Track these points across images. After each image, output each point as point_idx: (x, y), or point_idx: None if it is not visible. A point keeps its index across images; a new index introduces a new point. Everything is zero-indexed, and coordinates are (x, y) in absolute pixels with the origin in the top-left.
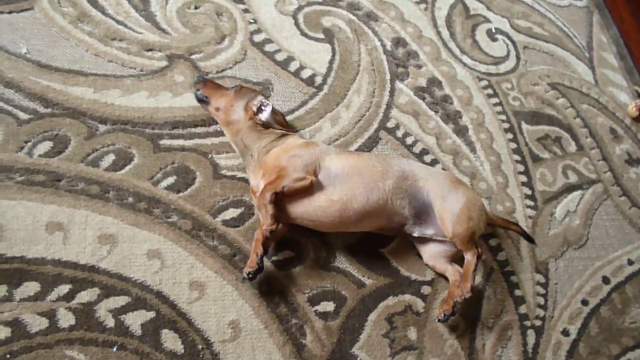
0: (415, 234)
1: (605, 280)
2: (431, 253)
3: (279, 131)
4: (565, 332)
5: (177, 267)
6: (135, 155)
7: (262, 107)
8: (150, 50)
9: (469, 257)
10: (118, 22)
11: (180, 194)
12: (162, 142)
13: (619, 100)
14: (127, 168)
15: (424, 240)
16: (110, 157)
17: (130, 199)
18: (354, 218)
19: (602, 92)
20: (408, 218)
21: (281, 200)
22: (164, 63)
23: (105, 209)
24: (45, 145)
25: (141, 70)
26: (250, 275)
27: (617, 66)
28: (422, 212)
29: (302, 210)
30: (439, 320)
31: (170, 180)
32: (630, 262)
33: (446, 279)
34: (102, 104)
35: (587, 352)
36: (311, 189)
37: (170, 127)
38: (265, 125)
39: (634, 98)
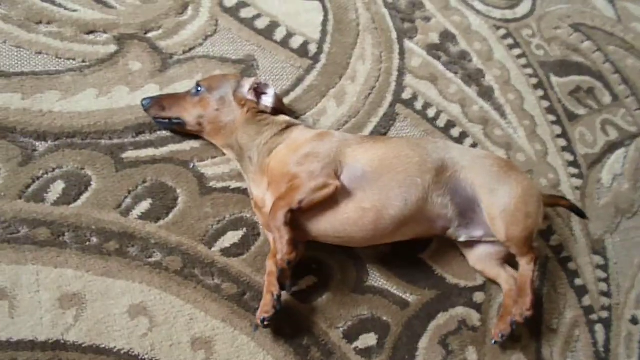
0: (462, 239)
1: None
2: (478, 256)
3: (282, 120)
4: (634, 320)
5: (171, 323)
6: (92, 179)
7: (261, 90)
8: (91, 32)
9: (525, 264)
10: None
11: (161, 223)
12: (125, 155)
13: None
14: (84, 197)
15: (470, 242)
16: (59, 186)
17: (95, 240)
18: (391, 228)
19: (626, 29)
20: (452, 220)
21: (298, 217)
22: (113, 48)
23: (62, 259)
24: None
25: (83, 61)
26: (265, 323)
27: None
28: (467, 210)
29: (326, 226)
30: (495, 343)
31: (145, 205)
32: None
33: (498, 284)
34: (35, 113)
35: None
36: (335, 196)
37: (133, 134)
38: (274, 112)
39: None
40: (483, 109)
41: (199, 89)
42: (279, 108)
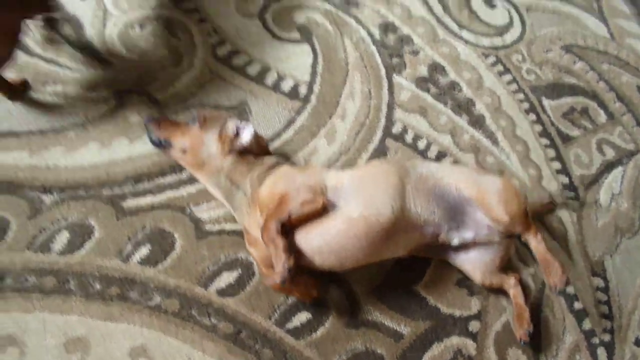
0: (455, 242)
1: None
2: (483, 269)
3: (272, 160)
4: (638, 342)
5: None
6: (94, 228)
7: (240, 129)
8: (92, 89)
9: (533, 238)
10: (48, 60)
11: (159, 267)
12: (125, 203)
13: None
14: (87, 246)
15: (468, 256)
16: (64, 236)
17: (98, 286)
18: (382, 236)
19: (620, 46)
20: (441, 225)
21: (290, 232)
22: (113, 102)
23: (67, 306)
24: None
25: (85, 117)
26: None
27: (629, 13)
28: (456, 212)
29: (320, 242)
30: (523, 344)
31: (144, 250)
32: None
33: (505, 295)
34: (43, 168)
35: None
36: (324, 212)
37: (133, 183)
38: (251, 151)
39: None
40: (474, 137)
41: (196, 120)
42: (262, 148)
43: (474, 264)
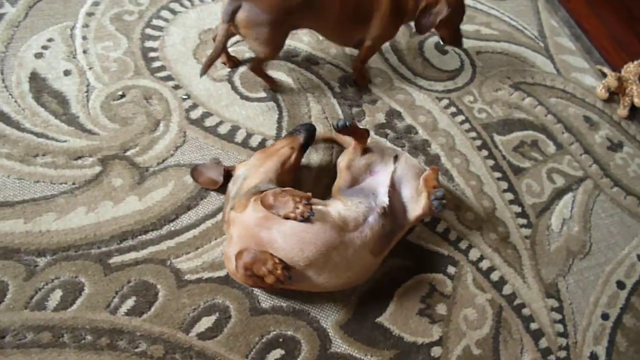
0: (385, 201)
1: (620, 285)
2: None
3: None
4: (594, 356)
5: None
6: (85, 285)
7: None
8: (79, 158)
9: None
10: (38, 135)
11: (144, 316)
12: (112, 260)
13: (586, 85)
14: (79, 302)
15: (405, 200)
16: (57, 294)
17: (89, 337)
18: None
19: (566, 81)
20: (370, 204)
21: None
22: (97, 169)
23: (62, 358)
24: None
25: (73, 184)
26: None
27: (574, 49)
28: (365, 189)
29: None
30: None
31: (130, 302)
32: None
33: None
34: (36, 234)
35: None
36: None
37: (118, 241)
38: None
39: (599, 79)
40: None
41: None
42: None
43: (410, 200)
